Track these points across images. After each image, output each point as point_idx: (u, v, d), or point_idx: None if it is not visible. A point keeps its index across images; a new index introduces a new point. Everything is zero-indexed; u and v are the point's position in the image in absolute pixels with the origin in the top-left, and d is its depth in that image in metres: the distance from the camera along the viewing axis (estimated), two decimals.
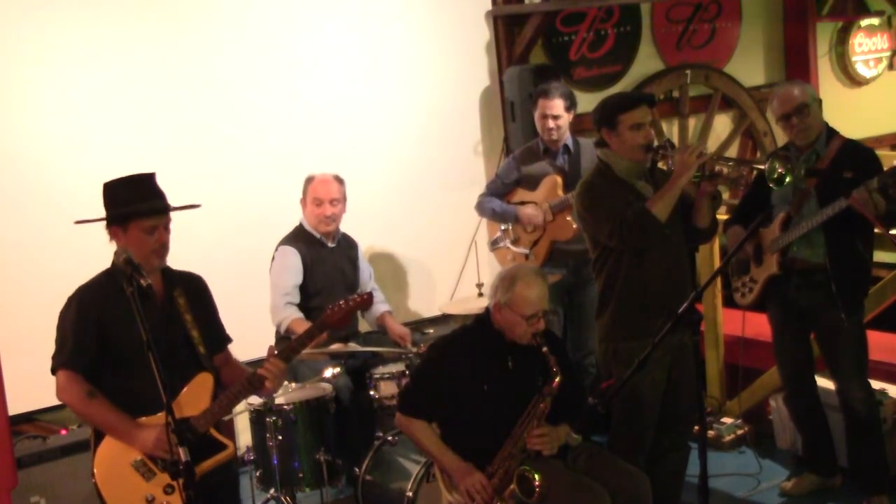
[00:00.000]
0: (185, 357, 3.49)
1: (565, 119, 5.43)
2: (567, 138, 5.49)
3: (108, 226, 3.48)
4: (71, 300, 3.47)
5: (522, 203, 5.60)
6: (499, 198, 5.70)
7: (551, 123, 5.42)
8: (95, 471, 3.41)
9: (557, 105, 5.40)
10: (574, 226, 5.38)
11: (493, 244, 5.84)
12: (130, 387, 3.39)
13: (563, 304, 5.58)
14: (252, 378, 3.51)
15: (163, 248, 3.48)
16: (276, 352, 3.59)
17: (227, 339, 3.78)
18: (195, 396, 3.45)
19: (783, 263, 4.49)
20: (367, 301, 3.77)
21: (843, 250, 4.36)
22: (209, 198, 3.65)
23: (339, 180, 5.24)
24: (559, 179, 5.46)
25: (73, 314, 3.43)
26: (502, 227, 5.75)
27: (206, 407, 3.44)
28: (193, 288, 3.64)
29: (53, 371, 3.43)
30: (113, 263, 3.39)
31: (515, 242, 5.71)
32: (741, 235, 4.20)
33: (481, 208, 5.76)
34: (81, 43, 5.27)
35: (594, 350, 5.35)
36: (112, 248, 3.47)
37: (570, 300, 5.60)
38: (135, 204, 3.44)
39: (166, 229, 3.48)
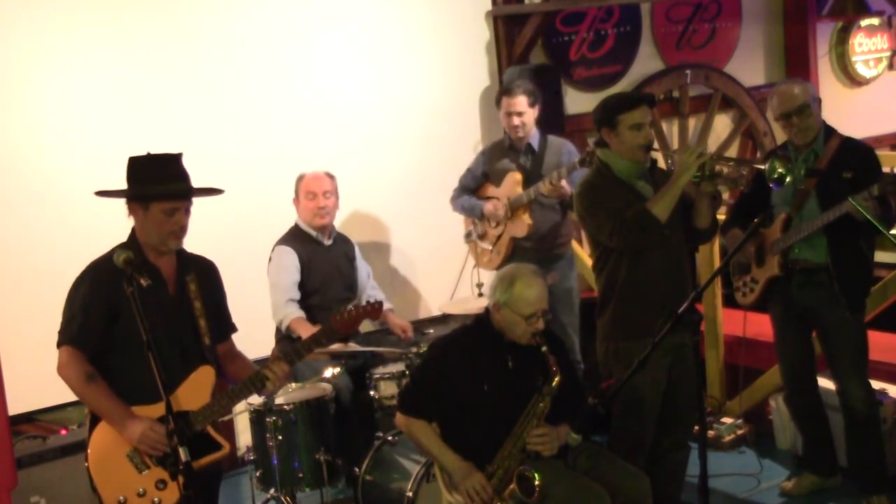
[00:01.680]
0: (190, 346, 3.49)
1: (529, 115, 5.44)
2: (533, 136, 5.49)
3: (129, 202, 3.48)
4: (83, 277, 3.46)
5: (489, 198, 5.63)
6: (470, 191, 5.74)
7: (516, 121, 5.43)
8: (89, 453, 3.40)
9: (520, 102, 5.41)
10: (528, 223, 5.39)
11: (467, 237, 5.91)
12: (133, 371, 3.37)
13: None
14: (255, 378, 3.50)
15: (181, 231, 3.48)
16: (279, 354, 3.59)
17: (233, 329, 3.78)
18: (195, 390, 3.45)
19: (785, 265, 4.49)
20: (377, 310, 3.74)
21: (846, 250, 4.36)
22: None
23: (331, 176, 5.27)
24: (519, 176, 5.47)
25: (84, 292, 3.41)
26: (473, 221, 5.80)
27: (205, 401, 3.43)
28: (206, 273, 3.65)
29: (58, 345, 3.42)
30: (114, 259, 3.36)
31: (482, 237, 5.75)
32: (739, 238, 4.19)
33: (454, 203, 5.81)
34: (81, 44, 5.27)
35: (574, 348, 5.37)
36: (128, 224, 3.48)
37: None
38: (158, 184, 3.43)
39: (187, 212, 3.48)
